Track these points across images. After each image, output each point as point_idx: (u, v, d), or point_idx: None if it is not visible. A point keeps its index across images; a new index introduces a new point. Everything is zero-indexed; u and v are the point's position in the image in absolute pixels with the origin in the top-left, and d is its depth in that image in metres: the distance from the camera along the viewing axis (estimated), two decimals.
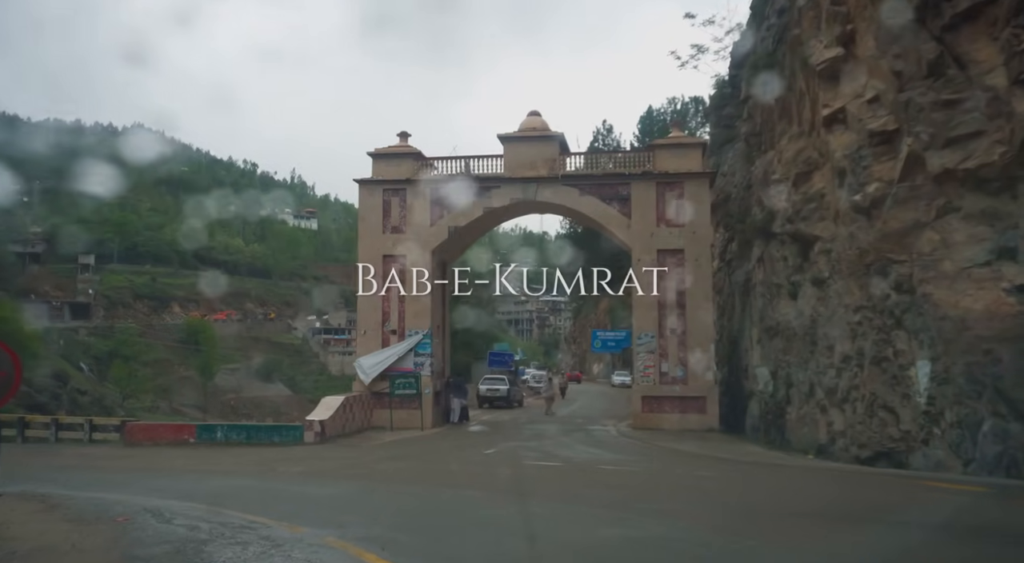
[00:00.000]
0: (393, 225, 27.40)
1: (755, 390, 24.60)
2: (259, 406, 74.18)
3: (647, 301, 26.23)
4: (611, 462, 17.29)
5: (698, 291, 25.77)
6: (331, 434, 22.55)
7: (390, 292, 27.24)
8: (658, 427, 25.16)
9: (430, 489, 12.96)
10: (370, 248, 27.28)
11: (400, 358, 26.82)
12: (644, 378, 26.10)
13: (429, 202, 27.27)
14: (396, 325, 27.16)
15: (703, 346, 25.67)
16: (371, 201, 27.54)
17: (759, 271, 24.22)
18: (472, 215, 27.22)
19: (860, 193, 16.80)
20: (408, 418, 25.81)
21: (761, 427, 23.69)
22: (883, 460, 16.18)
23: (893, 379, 15.97)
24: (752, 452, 20.27)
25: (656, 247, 26.16)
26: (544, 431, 26.04)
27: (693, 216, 26.03)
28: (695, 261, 25.89)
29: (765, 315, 22.86)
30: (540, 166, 26.98)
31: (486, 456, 18.73)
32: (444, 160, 27.92)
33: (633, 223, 26.48)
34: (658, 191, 26.40)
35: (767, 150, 23.96)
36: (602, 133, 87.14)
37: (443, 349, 29.43)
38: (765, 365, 23.37)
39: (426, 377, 26.57)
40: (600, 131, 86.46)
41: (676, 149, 26.68)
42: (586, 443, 22.19)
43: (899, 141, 16.17)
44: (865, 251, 16.68)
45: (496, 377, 39.85)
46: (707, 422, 25.18)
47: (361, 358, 27.09)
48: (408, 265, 27.09)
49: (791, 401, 21.26)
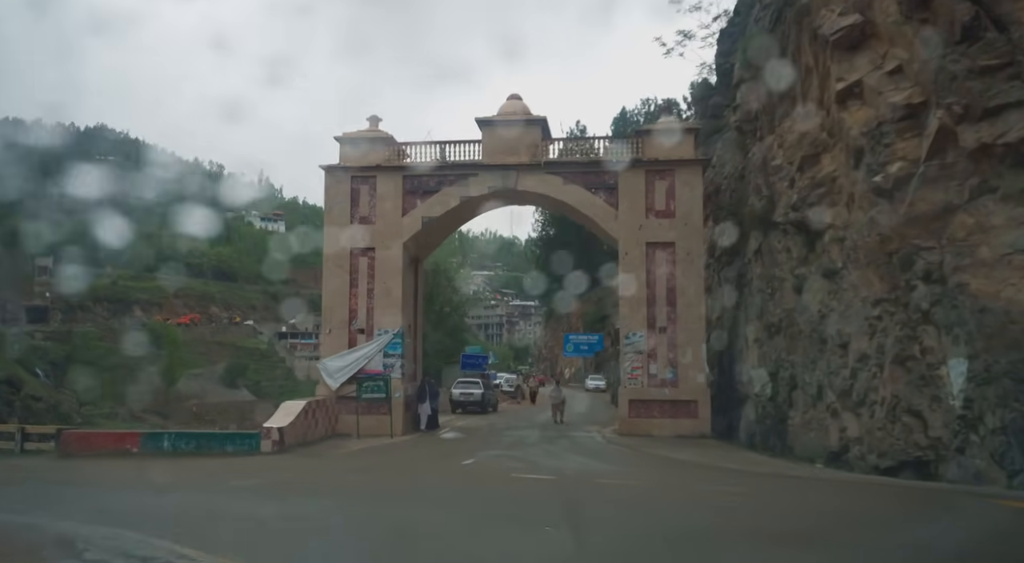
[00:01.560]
0: (362, 215, 25.32)
1: (750, 393, 22.94)
2: (223, 412, 71.38)
3: (635, 298, 24.48)
4: (609, 474, 15.37)
5: (690, 287, 24.07)
6: (291, 442, 20.47)
7: (358, 288, 25.19)
8: (647, 433, 23.39)
9: (405, 509, 11.01)
10: (336, 240, 25.18)
11: (369, 359, 24.79)
12: (632, 381, 24.32)
13: (401, 191, 25.27)
14: (364, 324, 25.08)
15: (695, 346, 23.97)
16: (338, 189, 25.44)
17: (756, 265, 22.59)
18: (448, 205, 25.26)
19: (881, 174, 15.16)
20: (376, 424, 23.77)
21: (758, 433, 22.02)
22: (908, 470, 14.50)
23: (920, 380, 14.31)
24: (755, 461, 18.57)
25: (645, 239, 24.42)
26: (525, 438, 24.14)
27: (685, 206, 24.36)
28: (686, 255, 24.19)
29: (765, 312, 21.22)
30: (521, 152, 25.12)
31: (466, 468, 16.77)
32: (418, 145, 25.92)
33: (620, 214, 24.71)
34: (647, 180, 24.67)
35: (765, 136, 22.35)
36: (575, 134, 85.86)
37: (415, 350, 27.43)
38: (763, 366, 21.72)
39: (396, 380, 24.53)
40: (573, 132, 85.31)
41: (666, 135, 24.96)
42: (573, 451, 20.33)
43: (926, 115, 14.57)
44: (887, 238, 15.04)
45: (470, 380, 37.87)
46: (699, 428, 23.46)
47: (326, 359, 24.98)
48: (378, 258, 25.06)
49: (794, 405, 19.61)
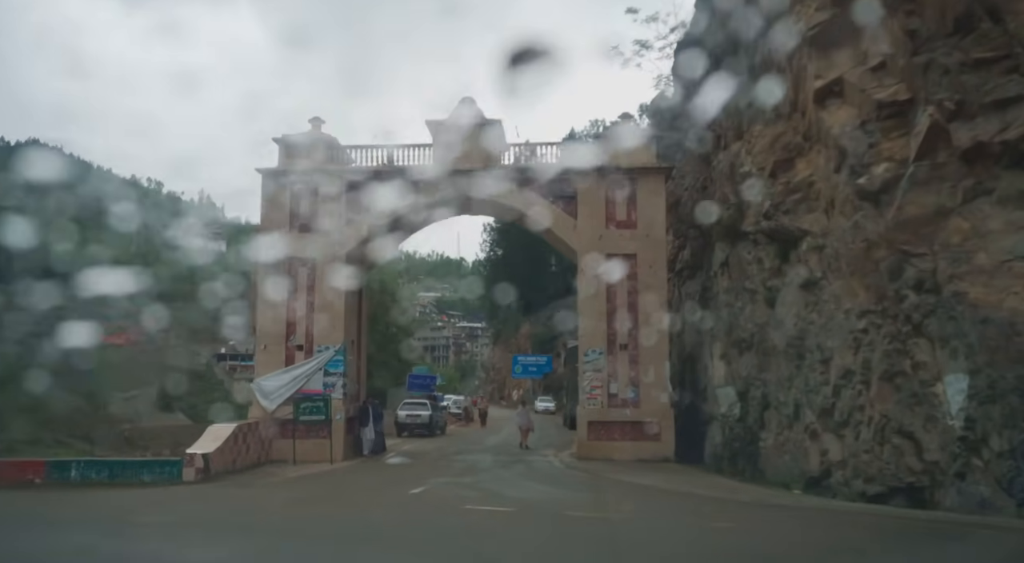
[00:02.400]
0: (301, 223, 23.47)
1: (716, 414, 21.74)
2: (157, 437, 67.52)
3: (595, 312, 23.12)
4: (577, 505, 13.76)
5: (652, 301, 22.80)
6: (218, 470, 18.48)
7: (296, 301, 23.30)
8: (607, 457, 21.95)
9: (342, 550, 9.31)
10: (273, 249, 23.25)
11: (308, 378, 22.88)
12: (591, 401, 22.88)
13: (344, 197, 23.51)
14: (303, 339, 23.18)
15: (657, 364, 22.68)
16: (276, 194, 23.56)
17: (723, 278, 21.47)
18: (395, 213, 23.61)
19: (866, 176, 14.12)
20: (315, 449, 21.85)
21: (725, 456, 20.78)
22: (899, 497, 13.33)
23: (912, 398, 13.19)
24: (726, 486, 17.25)
25: (605, 251, 23.09)
26: (478, 463, 22.48)
27: (647, 216, 23.17)
28: (649, 267, 22.94)
29: (734, 327, 20.06)
30: (474, 157, 23.66)
31: (415, 498, 15.01)
32: (363, 149, 24.25)
33: (579, 223, 23.40)
34: (608, 188, 23.42)
35: (729, 143, 21.37)
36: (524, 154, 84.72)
37: (358, 369, 25.58)
38: (731, 385, 20.54)
39: (338, 400, 22.65)
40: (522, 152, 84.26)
41: (628, 142, 23.81)
42: (531, 478, 18.77)
43: (914, 112, 13.57)
44: (874, 244, 13.96)
45: (417, 402, 36.01)
46: (662, 451, 22.10)
47: (260, 379, 22.95)
48: (319, 269, 23.23)
49: (766, 426, 18.42)
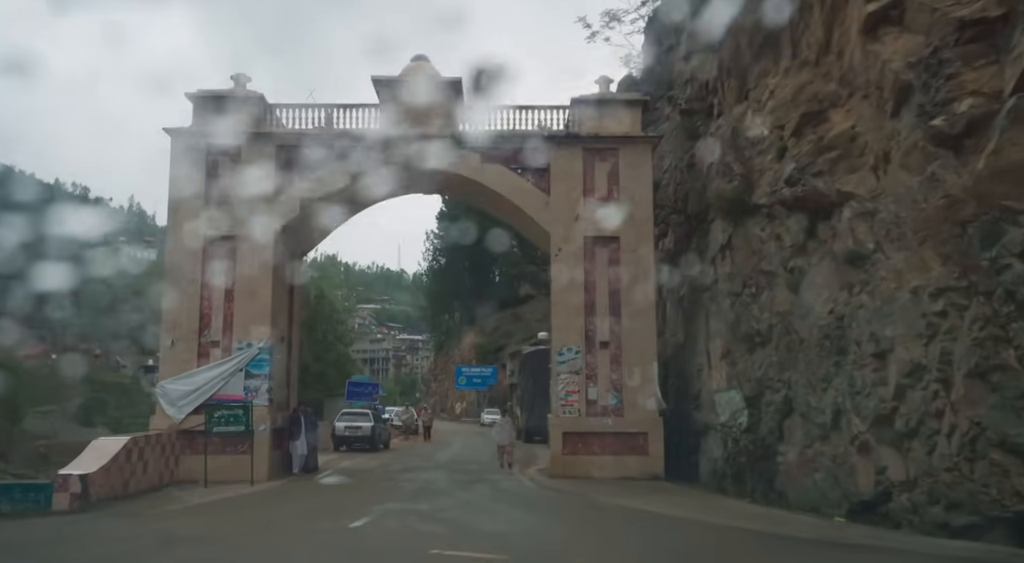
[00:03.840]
0: (220, 196, 19.46)
1: (714, 424, 18.47)
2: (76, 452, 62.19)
3: (570, 305, 19.68)
4: (582, 544, 10.15)
5: (637, 292, 19.48)
6: (102, 496, 14.48)
7: (213, 289, 19.30)
8: (586, 474, 18.49)
9: None
10: (185, 226, 19.25)
11: (225, 381, 18.89)
12: (566, 408, 19.37)
13: (274, 166, 19.65)
14: (220, 334, 19.18)
15: (644, 365, 19.34)
16: (189, 161, 19.53)
17: (723, 264, 18.25)
18: (334, 185, 19.81)
19: (943, 116, 10.98)
20: (233, 467, 17.90)
21: (728, 473, 17.48)
22: (999, 529, 10.14)
23: (1020, 400, 10.02)
24: (743, 512, 13.91)
25: (583, 233, 19.74)
26: (432, 483, 18.73)
27: (631, 193, 19.86)
28: (633, 252, 19.62)
29: (741, 320, 16.81)
30: (430, 122, 20.06)
31: (355, 534, 11.15)
32: (297, 109, 20.36)
33: (553, 200, 19.96)
34: (585, 160, 20.07)
35: (728, 108, 18.27)
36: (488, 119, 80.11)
37: (289, 371, 21.59)
38: (735, 389, 17.27)
39: (261, 408, 18.72)
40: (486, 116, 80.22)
41: (607, 107, 20.52)
42: (503, 502, 15.16)
43: (1009, 31, 10.52)
44: (957, 201, 10.79)
45: (357, 412, 31.95)
46: (650, 467, 18.72)
47: (166, 382, 18.86)
48: (241, 250, 19.30)
49: (787, 437, 15.16)
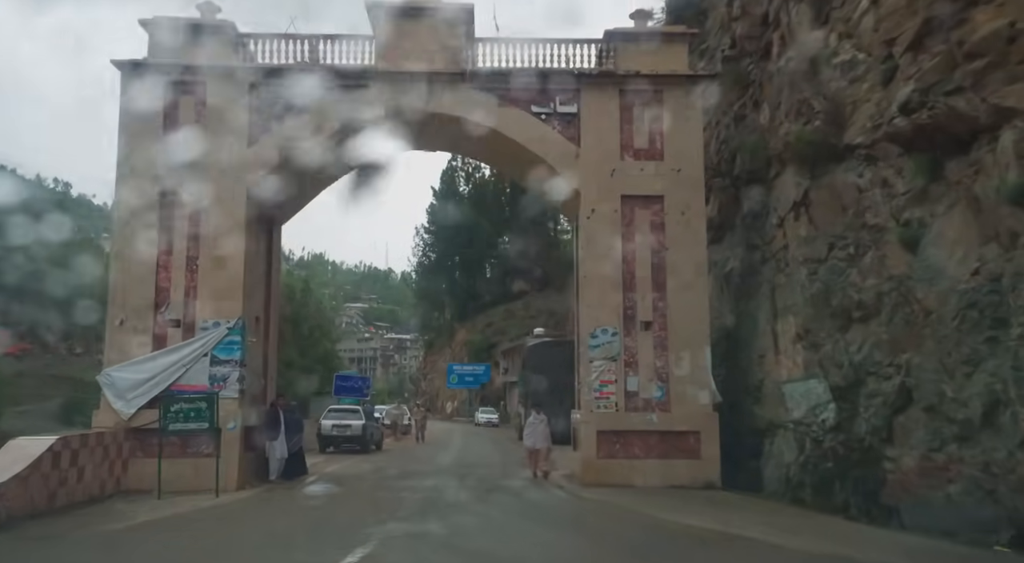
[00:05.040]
0: (182, 143, 15.98)
1: (782, 420, 15.21)
2: None
3: (604, 277, 16.34)
4: None
5: (687, 262, 16.19)
6: (16, 512, 11.08)
7: (172, 255, 15.87)
8: (625, 482, 15.21)
9: None
10: (137, 177, 15.77)
11: (186, 368, 15.47)
12: (600, 402, 16.02)
13: (247, 107, 16.24)
14: (181, 312, 15.73)
15: (695, 350, 16.03)
16: (142, 100, 16.02)
17: (797, 225, 14.96)
18: (321, 131, 16.38)
19: None
20: (195, 474, 14.54)
21: (806, 482, 14.19)
22: None
23: None
24: (853, 535, 10.69)
25: (620, 191, 16.40)
26: (439, 492, 15.29)
27: (678, 144, 16.52)
28: (681, 215, 16.30)
29: (830, 291, 13.50)
30: (435, 57, 16.64)
31: None
32: (275, 40, 16.85)
33: (584, 152, 16.59)
34: (623, 103, 16.70)
35: (793, 39, 15.04)
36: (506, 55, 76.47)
37: (266, 358, 18.17)
38: (816, 377, 14.00)
39: (231, 401, 15.33)
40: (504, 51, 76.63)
41: (648, 42, 17.14)
42: (535, 520, 11.83)
43: None
44: None
45: (346, 409, 28.43)
46: (703, 473, 15.46)
47: (112, 369, 15.37)
48: (207, 210, 15.88)
49: (897, 437, 11.89)
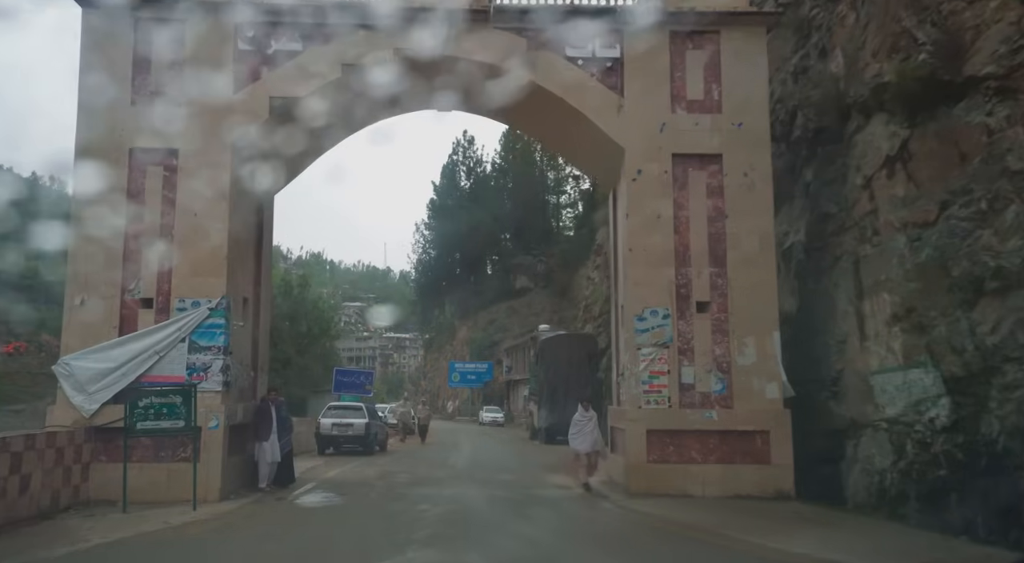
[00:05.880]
0: (154, 87, 13.53)
1: (872, 419, 12.80)
2: None
3: (652, 250, 13.90)
4: None
5: (750, 231, 13.79)
6: None
7: (143, 223, 13.37)
8: (680, 491, 12.87)
9: None
10: (101, 127, 13.22)
11: (159, 356, 12.98)
12: (650, 396, 13.58)
13: (233, 48, 13.76)
14: (153, 290, 13.24)
15: (761, 335, 13.60)
16: (108, 40, 13.53)
17: (890, 184, 12.55)
18: (322, 78, 13.89)
19: None
20: (168, 482, 12.12)
21: (909, 494, 11.77)
22: None
23: None
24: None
25: (671, 149, 13.97)
26: (463, 503, 12.78)
27: (739, 95, 14.08)
28: (743, 177, 13.88)
29: (949, 258, 11.07)
30: None
31: None
32: None
33: (628, 103, 14.13)
34: (673, 47, 14.26)
35: None
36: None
37: (256, 346, 15.65)
38: (921, 366, 11.59)
39: (213, 395, 12.86)
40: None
41: None
42: (594, 545, 9.35)
43: None
44: None
45: (347, 406, 25.75)
46: (773, 481, 13.05)
47: (71, 357, 12.85)
48: (184, 169, 13.38)
49: None
